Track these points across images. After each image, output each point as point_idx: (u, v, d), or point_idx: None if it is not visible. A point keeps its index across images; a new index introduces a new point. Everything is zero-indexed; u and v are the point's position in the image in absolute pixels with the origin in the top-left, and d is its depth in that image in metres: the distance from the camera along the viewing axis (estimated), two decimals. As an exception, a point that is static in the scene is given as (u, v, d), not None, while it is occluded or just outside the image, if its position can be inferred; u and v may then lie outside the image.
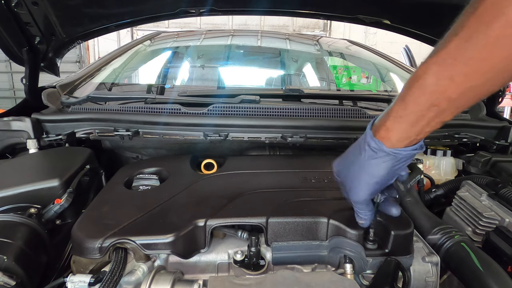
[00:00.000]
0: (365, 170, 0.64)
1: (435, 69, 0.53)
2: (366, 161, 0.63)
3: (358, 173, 0.65)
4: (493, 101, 1.45)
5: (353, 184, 0.67)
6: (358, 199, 0.67)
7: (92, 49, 9.69)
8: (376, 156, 0.62)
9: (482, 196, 0.96)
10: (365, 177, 0.64)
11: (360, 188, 0.66)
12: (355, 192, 0.67)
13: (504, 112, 6.60)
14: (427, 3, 1.32)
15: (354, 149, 0.67)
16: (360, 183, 0.65)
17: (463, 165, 1.26)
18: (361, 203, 0.68)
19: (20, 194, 0.86)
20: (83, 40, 1.46)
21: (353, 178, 0.66)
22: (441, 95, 0.53)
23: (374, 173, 0.63)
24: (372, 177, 0.64)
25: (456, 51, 0.50)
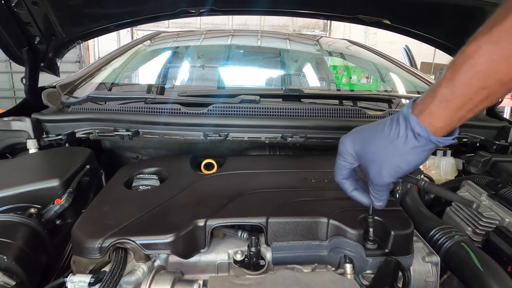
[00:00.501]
0: (401, 157, 0.59)
1: (488, 48, 0.48)
2: (404, 147, 0.58)
3: (390, 158, 0.59)
4: (493, 101, 1.45)
5: (381, 168, 0.61)
6: (382, 183, 0.63)
7: (92, 49, 9.68)
8: (418, 145, 0.57)
9: (482, 196, 0.96)
10: (399, 163, 0.59)
11: (388, 173, 0.60)
12: (381, 176, 0.62)
13: (504, 112, 6.59)
14: (427, 3, 1.32)
15: (387, 129, 0.60)
16: (389, 167, 0.60)
17: (463, 165, 1.26)
18: (383, 186, 0.64)
19: (20, 194, 0.87)
20: (83, 40, 1.46)
21: (382, 162, 0.61)
22: (493, 77, 0.49)
23: (411, 161, 0.58)
24: (407, 165, 0.59)
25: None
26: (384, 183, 0.64)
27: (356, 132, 0.68)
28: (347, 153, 0.67)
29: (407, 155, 0.59)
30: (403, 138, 0.58)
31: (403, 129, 0.58)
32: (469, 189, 1.01)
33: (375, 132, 0.63)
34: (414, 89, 1.79)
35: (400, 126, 0.59)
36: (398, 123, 0.59)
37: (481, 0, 1.18)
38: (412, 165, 0.59)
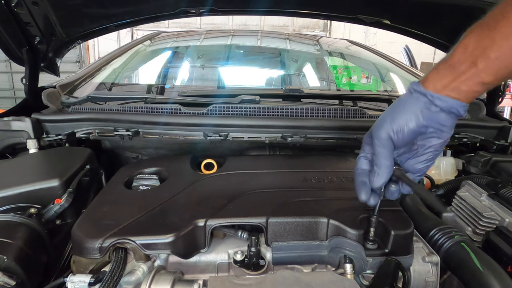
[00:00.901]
0: (397, 109, 0.64)
1: (478, 30, 0.57)
2: (400, 102, 0.65)
3: (390, 112, 0.66)
4: (493, 101, 1.45)
5: (380, 121, 0.66)
6: (379, 134, 0.65)
7: (92, 49, 9.69)
8: (411, 96, 0.63)
9: (482, 196, 0.96)
10: (396, 115, 0.64)
11: (386, 124, 0.65)
12: (379, 126, 0.66)
13: (504, 112, 6.60)
14: (427, 3, 1.32)
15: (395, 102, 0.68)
16: (386, 119, 0.65)
17: (463, 165, 1.26)
18: (382, 141, 0.65)
19: (20, 194, 0.86)
20: (83, 40, 1.46)
21: (384, 117, 0.66)
22: (481, 54, 0.56)
23: (406, 111, 0.63)
24: (402, 115, 0.63)
25: (500, 14, 0.54)
26: (382, 136, 0.65)
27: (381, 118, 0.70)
28: (384, 144, 0.67)
29: (403, 106, 0.64)
30: (401, 97, 0.65)
31: (408, 93, 0.65)
32: (469, 189, 1.01)
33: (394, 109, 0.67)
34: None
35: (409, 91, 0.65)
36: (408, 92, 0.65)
37: (481, 0, 1.18)
38: (407, 117, 0.63)
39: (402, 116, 0.64)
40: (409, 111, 0.63)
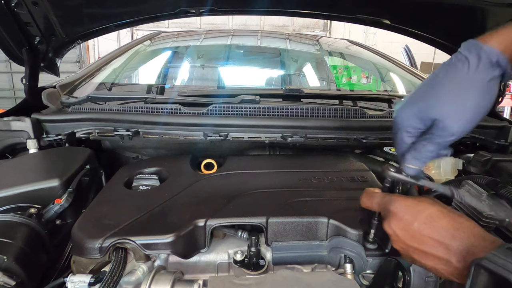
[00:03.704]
0: (473, 86, 0.54)
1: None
2: (479, 80, 0.54)
3: (464, 100, 0.55)
4: (493, 101, 1.45)
5: (454, 116, 0.56)
6: (456, 132, 0.56)
7: (92, 49, 9.68)
8: (496, 74, 0.54)
9: (482, 196, 0.96)
10: (475, 94, 0.54)
11: (466, 119, 0.56)
12: (456, 125, 0.56)
13: (504, 112, 6.60)
14: (427, 3, 1.32)
15: (452, 70, 0.56)
16: (466, 111, 0.55)
17: (463, 165, 1.26)
18: (454, 137, 0.57)
19: (20, 194, 0.86)
20: (83, 40, 1.46)
21: (455, 109, 0.56)
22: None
23: (488, 98, 0.54)
24: (483, 95, 0.54)
25: None
26: (466, 129, 0.57)
27: (412, 95, 0.62)
28: (409, 124, 0.61)
29: (486, 88, 0.54)
30: (479, 70, 0.54)
31: (473, 60, 0.54)
32: (469, 189, 1.01)
33: (436, 82, 0.59)
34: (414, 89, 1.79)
35: (469, 59, 0.55)
36: (463, 58, 0.56)
37: (481, 0, 1.18)
38: (489, 104, 0.55)
39: (485, 98, 0.55)
40: (490, 88, 0.55)
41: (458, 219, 0.57)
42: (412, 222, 0.59)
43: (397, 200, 0.63)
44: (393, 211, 0.63)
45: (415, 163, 0.62)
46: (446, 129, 0.58)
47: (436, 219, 0.58)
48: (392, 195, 0.66)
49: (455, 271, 0.54)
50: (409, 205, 0.61)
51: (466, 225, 0.56)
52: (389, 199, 0.65)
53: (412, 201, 0.62)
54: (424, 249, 0.58)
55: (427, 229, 0.58)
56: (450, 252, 0.55)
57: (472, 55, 0.55)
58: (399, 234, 0.61)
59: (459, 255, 0.54)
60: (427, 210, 0.59)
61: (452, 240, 0.55)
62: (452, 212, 0.59)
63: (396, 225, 0.62)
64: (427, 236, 0.57)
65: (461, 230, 0.55)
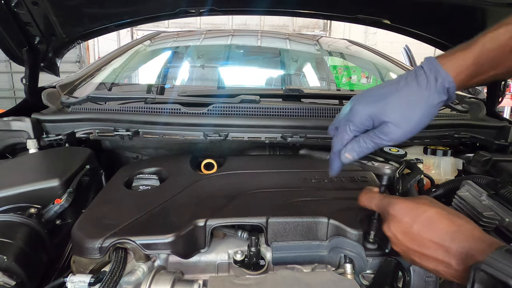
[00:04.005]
0: (424, 104, 0.61)
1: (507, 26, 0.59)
2: (431, 100, 0.61)
3: (415, 112, 0.62)
4: (493, 101, 1.45)
5: (403, 124, 0.62)
6: (401, 139, 0.63)
7: (92, 49, 9.68)
8: (445, 98, 0.61)
9: (482, 196, 0.96)
10: (424, 117, 0.62)
11: (412, 128, 0.62)
12: (403, 133, 0.63)
13: (504, 112, 6.60)
14: (427, 3, 1.32)
15: (411, 84, 0.63)
16: (413, 123, 0.62)
17: (463, 165, 1.26)
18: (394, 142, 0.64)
19: (20, 194, 0.86)
20: (83, 40, 1.46)
21: (405, 118, 0.62)
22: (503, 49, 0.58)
23: (432, 114, 0.62)
24: (428, 119, 0.62)
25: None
26: (402, 139, 0.63)
27: (369, 94, 0.67)
28: (361, 122, 0.66)
29: (433, 108, 0.61)
30: (431, 91, 0.61)
31: (432, 81, 0.61)
32: (469, 189, 1.01)
33: (396, 89, 0.64)
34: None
35: (428, 78, 0.61)
36: (424, 75, 0.62)
37: (481, 0, 1.18)
38: (427, 122, 0.63)
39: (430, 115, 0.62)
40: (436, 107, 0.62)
41: (457, 221, 0.57)
42: (411, 225, 0.59)
43: (396, 203, 0.63)
44: (392, 213, 0.63)
45: (352, 154, 0.67)
46: (389, 135, 0.63)
47: (435, 222, 0.58)
48: (391, 197, 0.67)
49: (456, 273, 0.55)
50: (408, 207, 0.62)
51: (465, 227, 0.56)
52: (388, 201, 0.65)
53: (411, 203, 0.62)
54: (424, 252, 0.58)
55: (426, 231, 0.58)
56: (449, 254, 0.55)
57: (431, 76, 0.61)
58: (399, 237, 0.62)
59: (458, 258, 0.54)
60: (426, 213, 0.59)
61: (451, 242, 0.55)
62: (451, 213, 0.59)
63: (396, 228, 0.62)
64: (427, 239, 0.58)
65: (460, 233, 0.55)
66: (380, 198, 0.68)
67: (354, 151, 0.66)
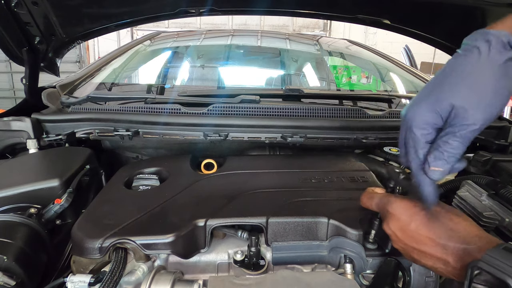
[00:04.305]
0: (489, 68, 0.50)
1: None
2: (488, 58, 0.49)
3: (476, 76, 0.50)
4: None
5: (474, 105, 0.50)
6: (482, 117, 0.50)
7: (92, 49, 9.68)
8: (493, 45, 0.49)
9: (482, 196, 0.96)
10: (491, 77, 0.50)
11: (488, 96, 0.50)
12: (482, 104, 0.50)
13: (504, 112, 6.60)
14: (427, 3, 1.32)
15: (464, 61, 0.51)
16: (483, 87, 0.50)
17: (463, 165, 1.26)
18: (472, 133, 0.51)
19: (20, 194, 0.86)
20: (83, 40, 1.46)
21: (474, 98, 0.50)
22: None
23: (500, 65, 0.49)
24: (500, 76, 0.49)
25: None
26: (488, 118, 0.50)
27: (422, 91, 0.55)
28: (424, 121, 0.53)
29: (503, 69, 0.49)
30: (490, 52, 0.49)
31: (483, 45, 0.50)
32: (469, 189, 1.01)
33: (446, 72, 0.53)
34: (414, 89, 1.79)
35: (478, 45, 0.50)
36: (469, 46, 0.51)
37: (481, 0, 1.18)
38: (509, 87, 0.50)
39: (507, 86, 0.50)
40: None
41: (454, 218, 0.57)
42: (409, 222, 0.60)
43: (395, 201, 0.64)
44: (391, 212, 0.63)
45: (440, 165, 0.52)
46: (468, 118, 0.50)
47: (433, 219, 0.58)
48: (390, 195, 0.67)
49: (454, 270, 0.55)
50: (406, 205, 0.62)
51: (462, 224, 0.56)
52: (387, 200, 0.65)
53: (409, 201, 0.62)
54: (422, 249, 0.58)
55: (424, 229, 0.58)
56: (447, 252, 0.55)
57: (480, 42, 0.50)
58: (398, 235, 0.62)
59: (456, 255, 0.54)
60: (424, 210, 0.59)
61: (448, 240, 0.55)
62: (449, 211, 0.59)
63: (395, 226, 0.62)
64: (424, 236, 0.58)
65: (457, 230, 0.55)
66: (380, 197, 0.68)
67: (440, 160, 0.52)
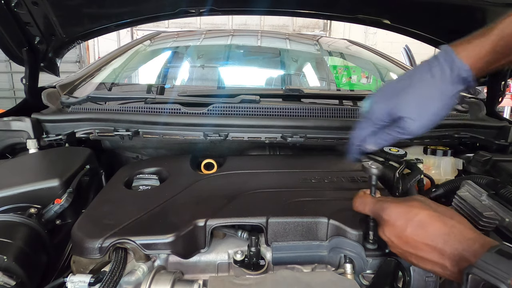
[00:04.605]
0: (440, 96, 0.62)
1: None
2: (449, 90, 0.62)
3: (433, 104, 0.63)
4: (493, 101, 1.45)
5: (421, 117, 0.64)
6: (420, 132, 0.65)
7: (92, 49, 9.68)
8: (462, 87, 0.61)
9: (482, 196, 0.96)
10: (438, 104, 0.62)
11: (430, 121, 0.64)
12: (421, 125, 0.64)
13: (504, 112, 6.60)
14: (427, 3, 1.32)
15: (426, 76, 0.63)
16: (431, 115, 0.63)
17: (463, 165, 1.26)
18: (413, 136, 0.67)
19: (20, 194, 0.86)
20: (83, 40, 1.46)
21: (424, 111, 0.64)
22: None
23: (450, 105, 0.63)
24: (445, 105, 0.62)
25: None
26: (421, 132, 0.65)
27: (385, 91, 0.70)
28: (379, 117, 0.69)
29: (449, 99, 0.62)
30: (446, 82, 0.61)
31: (447, 72, 0.61)
32: (469, 189, 1.01)
33: (410, 83, 0.65)
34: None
35: (443, 69, 0.62)
36: (438, 67, 0.62)
37: (481, 0, 1.18)
38: (446, 113, 0.64)
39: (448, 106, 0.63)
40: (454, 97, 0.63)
41: (449, 222, 0.57)
42: (404, 228, 0.60)
43: (388, 207, 0.64)
44: (385, 218, 0.63)
45: (373, 146, 0.73)
46: (408, 129, 0.66)
47: (427, 224, 0.58)
48: (383, 200, 0.66)
49: (452, 274, 0.55)
50: (400, 211, 0.62)
51: (457, 228, 0.56)
52: (381, 206, 0.65)
53: (403, 207, 0.62)
54: (419, 254, 0.59)
55: (419, 234, 0.58)
56: (444, 256, 0.55)
57: (446, 67, 0.61)
58: (394, 241, 0.62)
59: (452, 260, 0.54)
60: (418, 216, 0.59)
61: (444, 245, 0.55)
62: (444, 214, 0.59)
63: (390, 232, 0.62)
64: (420, 242, 0.58)
65: (452, 234, 0.55)
66: (373, 203, 0.68)
67: (375, 143, 0.72)
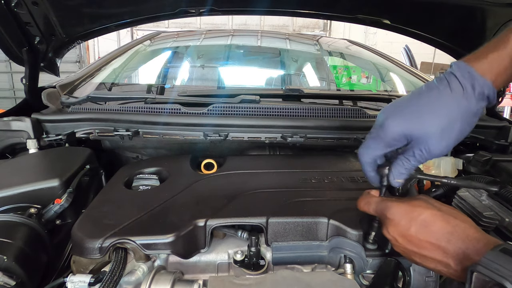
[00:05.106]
0: (464, 114, 0.57)
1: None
2: (471, 108, 0.57)
3: (454, 123, 0.58)
4: (493, 101, 1.45)
5: (442, 137, 0.58)
6: (440, 153, 0.60)
7: (92, 49, 9.69)
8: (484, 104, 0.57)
9: (482, 196, 0.96)
10: (463, 122, 0.58)
11: (453, 140, 0.59)
12: (441, 146, 0.59)
13: (504, 112, 6.60)
14: (427, 3, 1.32)
15: (445, 93, 0.58)
16: (454, 134, 0.58)
17: (463, 165, 1.26)
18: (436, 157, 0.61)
19: (20, 194, 0.86)
20: (83, 40, 1.46)
21: (444, 130, 0.58)
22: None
23: (473, 122, 0.58)
24: (469, 122, 0.58)
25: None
26: (445, 152, 0.60)
27: (401, 110, 0.62)
28: (395, 138, 0.61)
29: (473, 117, 0.58)
30: (470, 100, 0.57)
31: (469, 89, 0.57)
32: (469, 189, 1.01)
33: (428, 102, 0.60)
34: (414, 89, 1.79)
35: (464, 87, 0.57)
36: (458, 83, 0.58)
37: (481, 0, 1.18)
38: (470, 130, 0.59)
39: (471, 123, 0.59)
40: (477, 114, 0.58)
41: (452, 221, 0.58)
42: (408, 227, 0.60)
43: (392, 206, 0.64)
44: (389, 217, 0.64)
45: (401, 177, 0.64)
46: (432, 152, 0.60)
47: (431, 223, 0.58)
48: (387, 200, 0.67)
49: (455, 273, 0.55)
50: (404, 211, 0.62)
51: (460, 227, 0.56)
52: (385, 205, 0.65)
53: (407, 206, 0.63)
54: (423, 253, 0.59)
55: (423, 233, 0.58)
56: (447, 255, 0.55)
57: (467, 84, 0.57)
58: (398, 240, 0.62)
59: (456, 258, 0.54)
60: (422, 215, 0.60)
61: (448, 243, 0.56)
62: (447, 213, 0.60)
63: (394, 231, 0.63)
64: (424, 241, 0.58)
65: (456, 234, 0.56)
66: (378, 202, 0.68)
67: (401, 174, 0.64)
